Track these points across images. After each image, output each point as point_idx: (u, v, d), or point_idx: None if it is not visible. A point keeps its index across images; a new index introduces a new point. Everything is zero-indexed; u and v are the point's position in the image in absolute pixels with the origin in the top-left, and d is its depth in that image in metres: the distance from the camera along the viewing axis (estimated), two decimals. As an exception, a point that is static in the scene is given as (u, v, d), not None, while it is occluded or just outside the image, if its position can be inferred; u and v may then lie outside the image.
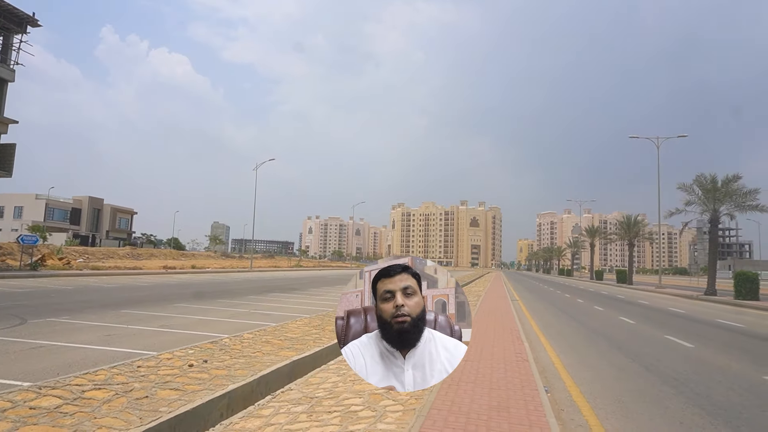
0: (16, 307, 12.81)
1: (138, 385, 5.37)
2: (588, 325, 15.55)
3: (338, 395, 5.54)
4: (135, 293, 19.04)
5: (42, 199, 72.77)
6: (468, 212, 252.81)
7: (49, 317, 11.21)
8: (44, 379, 5.55)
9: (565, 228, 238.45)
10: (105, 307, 13.79)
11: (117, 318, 11.57)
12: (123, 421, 4.29)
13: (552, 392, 6.64)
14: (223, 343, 8.20)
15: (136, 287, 22.21)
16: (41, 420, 4.19)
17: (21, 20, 32.09)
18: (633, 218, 58.78)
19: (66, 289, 19.61)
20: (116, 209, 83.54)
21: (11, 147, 31.55)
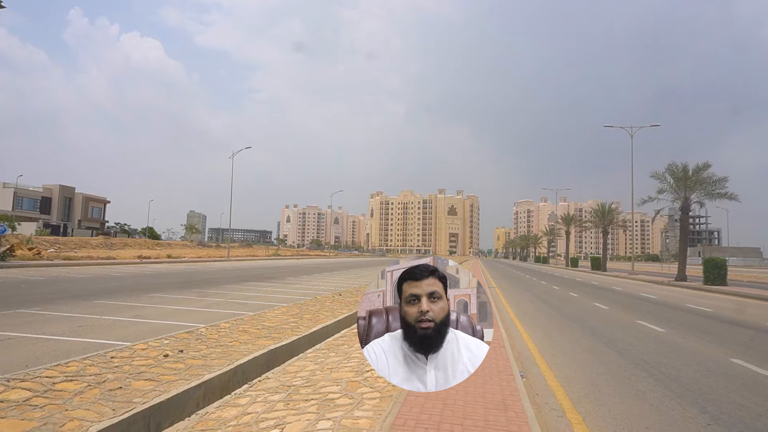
0: (-16, 299, 12.46)
1: (111, 376, 5.29)
2: (563, 311, 15.82)
3: (315, 383, 5.53)
4: (108, 283, 18.69)
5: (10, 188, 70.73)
6: (446, 201, 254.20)
7: (18, 308, 10.93)
8: (13, 372, 5.42)
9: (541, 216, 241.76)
10: (77, 297, 13.51)
11: (90, 309, 11.34)
12: (95, 413, 4.22)
13: (527, 377, 6.75)
14: (200, 332, 8.12)
15: (110, 277, 21.80)
16: (10, 413, 4.09)
17: (-16, 2, 30.84)
18: (607, 206, 59.86)
19: (36, 279, 19.14)
20: (88, 198, 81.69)
21: (-24, 134, 30.48)
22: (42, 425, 3.89)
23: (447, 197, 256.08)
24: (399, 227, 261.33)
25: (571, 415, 5.27)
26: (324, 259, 72.47)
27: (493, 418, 4.52)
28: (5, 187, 70.96)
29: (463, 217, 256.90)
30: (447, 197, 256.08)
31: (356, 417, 4.36)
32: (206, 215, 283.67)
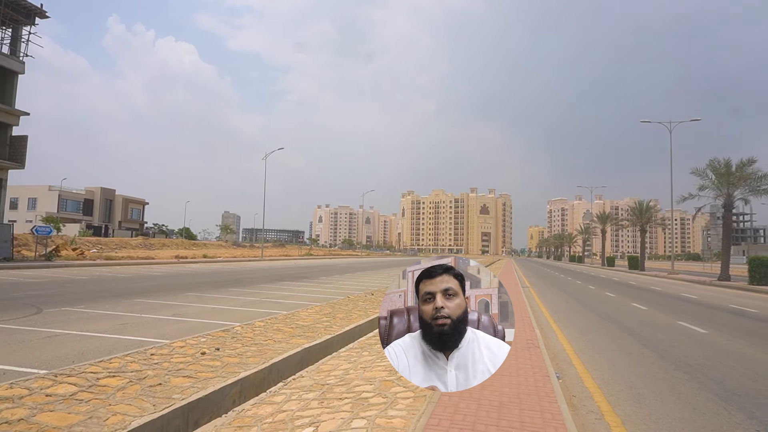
0: (32, 297, 12.99)
1: (151, 373, 5.43)
2: (599, 311, 15.48)
3: (349, 382, 5.56)
4: (148, 282, 19.23)
5: (55, 191, 73.52)
6: (478, 199, 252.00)
7: (64, 307, 11.36)
8: (60, 367, 5.63)
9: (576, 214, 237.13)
10: (118, 296, 13.95)
11: (130, 307, 11.69)
12: (137, 408, 4.34)
13: (563, 379, 6.63)
14: (235, 331, 8.26)
15: (149, 277, 22.43)
16: (57, 407, 4.25)
17: (29, 12, 32.20)
18: (645, 204, 58.23)
19: (80, 278, 19.85)
20: (128, 200, 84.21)
21: (23, 139, 31.85)
22: (87, 419, 4.02)
23: (479, 196, 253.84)
24: (431, 227, 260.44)
25: (609, 417, 5.15)
26: (356, 259, 72.82)
27: (529, 419, 4.45)
28: (51, 189, 73.79)
29: (496, 216, 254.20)
30: (479, 196, 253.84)
31: (390, 416, 4.36)
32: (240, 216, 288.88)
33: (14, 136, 31.64)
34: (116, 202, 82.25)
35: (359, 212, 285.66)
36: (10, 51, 32.02)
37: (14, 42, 32.30)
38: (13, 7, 31.17)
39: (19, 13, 31.73)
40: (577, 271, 54.15)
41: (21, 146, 31.61)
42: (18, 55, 32.13)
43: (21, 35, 32.41)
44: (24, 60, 32.29)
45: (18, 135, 31.84)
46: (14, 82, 31.71)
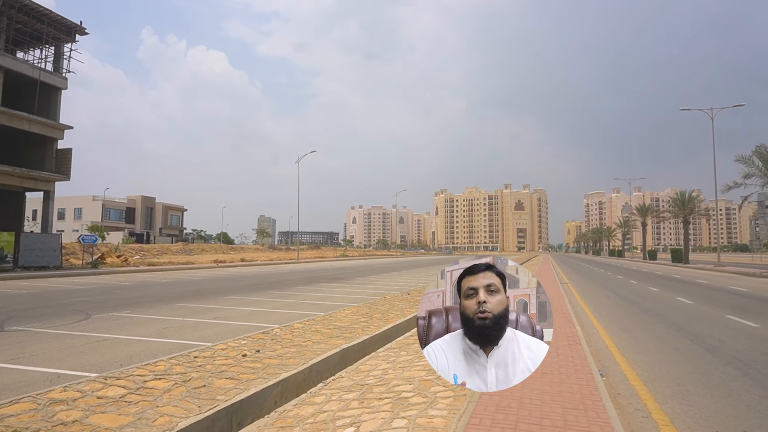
0: (81, 303, 13.50)
1: (195, 375, 5.57)
2: (642, 306, 15.05)
3: (388, 382, 5.57)
4: (189, 287, 19.73)
5: (99, 200, 76.23)
6: (512, 195, 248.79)
7: (111, 312, 11.76)
8: (109, 370, 5.83)
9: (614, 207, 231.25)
10: (161, 301, 14.36)
11: (173, 311, 12.02)
12: (183, 409, 4.46)
13: (607, 376, 6.47)
14: (275, 333, 8.39)
15: (190, 281, 23.01)
16: (108, 408, 4.40)
17: (70, 30, 33.46)
18: (687, 194, 56.36)
19: (125, 284, 20.52)
20: (167, 207, 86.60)
21: (68, 152, 33.15)
22: (137, 420, 4.16)
23: (513, 192, 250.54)
24: (465, 224, 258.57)
25: (657, 416, 5.00)
26: (391, 259, 72.92)
27: (573, 418, 4.36)
28: (95, 199, 76.56)
29: (531, 212, 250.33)
30: (513, 192, 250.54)
31: (431, 416, 4.35)
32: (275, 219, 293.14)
33: (59, 149, 32.97)
34: (156, 210, 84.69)
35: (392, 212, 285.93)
36: (54, 68, 33.39)
37: (57, 59, 33.68)
38: (56, 26, 32.48)
39: (61, 31, 33.04)
40: (617, 265, 52.81)
41: (66, 159, 32.92)
42: (60, 71, 33.48)
43: (63, 52, 33.76)
44: (66, 76, 33.61)
45: (63, 148, 33.17)
46: (58, 98, 33.04)
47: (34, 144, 32.02)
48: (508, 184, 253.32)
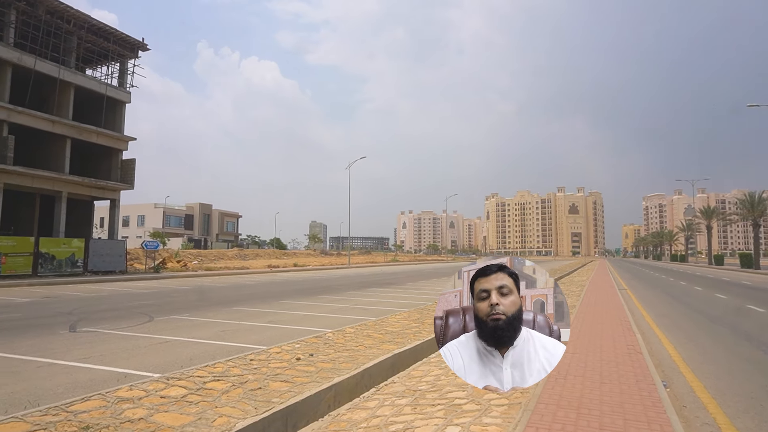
0: (144, 306, 14.15)
1: (252, 377, 5.71)
2: (708, 314, 14.28)
3: (441, 388, 5.53)
4: (244, 291, 20.30)
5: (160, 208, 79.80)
6: (566, 199, 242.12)
7: (172, 315, 12.26)
8: (171, 371, 6.08)
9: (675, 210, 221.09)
10: (219, 304, 14.84)
11: (230, 315, 12.39)
12: (240, 411, 4.58)
13: (671, 387, 6.17)
14: (327, 337, 8.50)
15: (245, 285, 23.67)
16: (171, 408, 4.58)
17: (133, 46, 35.29)
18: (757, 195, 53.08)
19: (184, 288, 21.34)
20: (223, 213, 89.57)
21: (132, 162, 34.91)
22: (197, 420, 4.30)
23: (567, 195, 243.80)
24: (517, 229, 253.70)
25: (728, 431, 4.72)
26: (441, 264, 72.43)
27: (635, 431, 4.18)
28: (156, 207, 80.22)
29: (586, 216, 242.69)
30: (567, 195, 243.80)
31: (485, 424, 4.28)
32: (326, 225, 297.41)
33: (124, 159, 34.79)
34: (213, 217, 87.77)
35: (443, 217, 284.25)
36: (119, 83, 35.31)
37: (121, 75, 35.60)
38: (120, 43, 34.35)
39: (125, 48, 34.90)
40: (679, 271, 50.36)
41: (130, 169, 34.69)
42: (125, 86, 35.35)
43: (127, 68, 35.65)
44: (129, 90, 35.46)
45: (127, 159, 34.98)
46: (122, 111, 34.89)
47: (101, 155, 33.94)
48: (562, 187, 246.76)
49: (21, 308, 13.83)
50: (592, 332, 9.37)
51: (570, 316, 11.25)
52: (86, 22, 31.96)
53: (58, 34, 30.77)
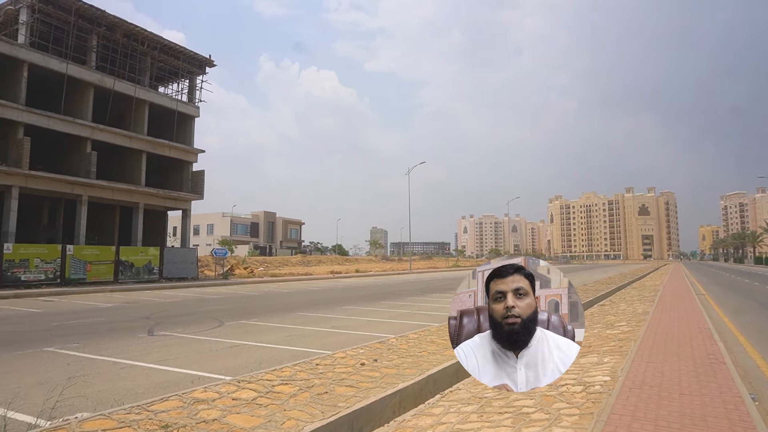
0: (215, 312, 14.75)
1: (318, 382, 5.82)
2: (801, 321, 13.19)
3: (507, 396, 5.41)
4: (308, 297, 20.75)
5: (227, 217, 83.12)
6: (635, 200, 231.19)
7: (240, 320, 12.71)
8: (241, 374, 6.30)
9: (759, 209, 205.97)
10: (284, 310, 15.24)
11: (295, 320, 12.70)
12: (308, 414, 4.68)
13: (760, 401, 5.74)
14: (391, 342, 8.53)
15: (309, 291, 24.19)
16: (242, 410, 4.75)
17: (201, 63, 37.08)
18: None
19: (252, 294, 22.08)
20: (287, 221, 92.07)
21: (201, 173, 36.62)
22: (267, 422, 4.43)
23: (636, 196, 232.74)
24: (583, 232, 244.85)
25: (827, 448, 4.33)
26: (503, 269, 70.92)
27: (720, 445, 3.92)
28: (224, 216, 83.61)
29: (658, 217, 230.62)
30: (636, 196, 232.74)
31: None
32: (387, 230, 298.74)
33: (194, 171, 36.56)
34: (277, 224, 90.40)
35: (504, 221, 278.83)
36: (188, 98, 37.19)
37: (191, 90, 37.48)
38: (189, 61, 36.21)
39: (194, 65, 36.75)
40: (765, 275, 46.82)
41: (200, 180, 36.40)
42: (194, 101, 37.19)
43: (195, 84, 37.51)
44: (198, 105, 37.25)
45: (197, 170, 36.73)
46: (192, 125, 36.70)
47: (173, 168, 35.82)
48: (630, 188, 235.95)
49: (104, 313, 14.78)
50: (668, 339, 8.88)
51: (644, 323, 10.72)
52: (159, 43, 33.92)
53: (133, 55, 32.85)
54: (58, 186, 28.50)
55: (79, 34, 29.84)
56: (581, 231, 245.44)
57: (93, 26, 30.41)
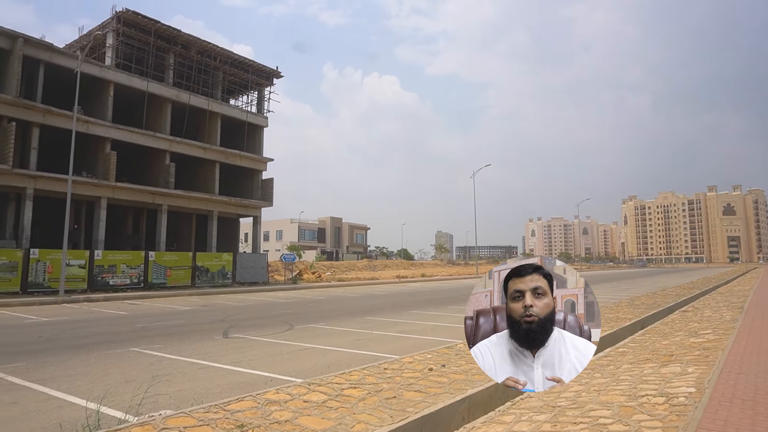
0: (285, 315, 15.18)
1: (386, 386, 5.84)
2: None
3: (583, 405, 5.19)
4: (375, 301, 20.91)
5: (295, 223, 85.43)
6: (719, 199, 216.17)
7: (309, 324, 13.00)
8: (311, 377, 6.43)
9: None
10: (352, 314, 15.44)
11: (362, 324, 12.83)
12: (377, 418, 4.70)
13: None
14: (459, 348, 8.43)
15: (375, 296, 24.38)
16: (313, 412, 4.84)
17: (269, 75, 38.47)
18: None
19: (319, 298, 22.54)
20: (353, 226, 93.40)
21: (270, 181, 37.90)
22: (337, 425, 4.49)
23: (720, 195, 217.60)
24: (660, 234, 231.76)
25: None
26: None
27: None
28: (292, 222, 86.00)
29: (745, 217, 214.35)
30: (720, 195, 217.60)
31: (635, 447, 3.93)
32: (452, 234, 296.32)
33: (263, 179, 37.90)
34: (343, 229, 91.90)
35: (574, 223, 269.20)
36: (257, 110, 38.67)
37: (259, 102, 38.97)
38: (258, 73, 37.68)
39: (262, 77, 38.20)
40: None
41: (269, 188, 37.70)
42: (262, 112, 38.63)
43: (264, 95, 38.95)
44: (267, 115, 38.64)
45: (266, 178, 38.07)
46: (261, 135, 38.11)
47: (244, 176, 37.32)
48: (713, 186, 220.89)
49: (183, 315, 15.58)
50: (761, 350, 8.21)
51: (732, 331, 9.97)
52: (229, 57, 35.55)
53: (206, 70, 34.62)
54: (140, 196, 30.44)
55: (157, 53, 31.85)
56: (658, 233, 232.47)
57: (170, 45, 32.36)
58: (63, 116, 26.52)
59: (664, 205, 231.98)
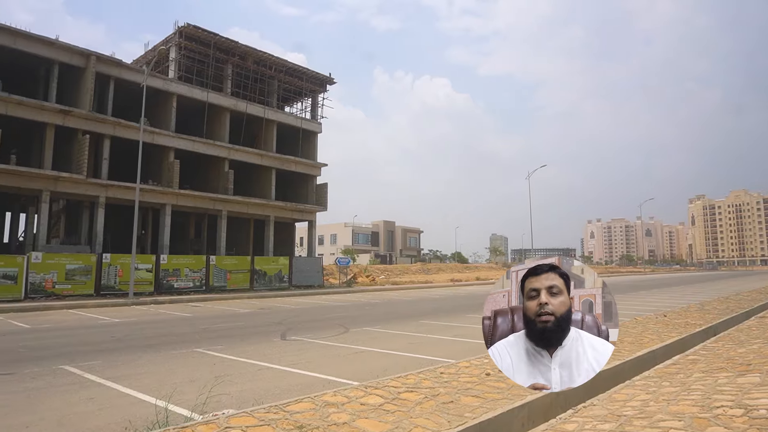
0: (340, 318, 15.35)
1: (443, 390, 5.78)
2: None
3: (651, 416, 4.95)
4: (429, 305, 20.81)
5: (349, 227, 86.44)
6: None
7: (364, 327, 13.08)
8: (367, 380, 6.45)
9: None
10: (406, 317, 15.42)
11: (417, 327, 12.79)
12: (434, 423, 4.66)
13: None
14: (516, 353, 8.23)
15: (430, 299, 24.26)
16: (370, 415, 4.85)
17: (322, 82, 39.16)
18: None
19: (374, 302, 22.66)
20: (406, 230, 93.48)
21: (324, 186, 38.51)
22: (395, 428, 4.48)
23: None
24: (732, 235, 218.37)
25: None
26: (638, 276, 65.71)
27: None
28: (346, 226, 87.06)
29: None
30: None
31: (711, 461, 3.71)
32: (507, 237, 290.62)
33: (318, 184, 38.57)
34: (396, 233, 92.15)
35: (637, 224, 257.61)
36: (311, 116, 39.45)
37: (313, 108, 39.75)
38: (312, 80, 38.45)
39: (316, 84, 38.94)
40: None
41: (323, 192, 38.31)
42: (316, 118, 39.36)
43: (317, 102, 39.69)
44: (320, 121, 39.32)
45: (320, 183, 38.72)
46: (315, 141, 38.83)
47: (299, 181, 38.12)
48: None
49: (243, 318, 16.06)
50: None
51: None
52: (284, 66, 36.47)
53: (262, 79, 35.66)
54: (201, 202, 31.68)
55: (216, 64, 33.12)
56: (730, 234, 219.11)
57: (228, 56, 33.57)
58: (131, 128, 28.03)
59: (736, 204, 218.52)
